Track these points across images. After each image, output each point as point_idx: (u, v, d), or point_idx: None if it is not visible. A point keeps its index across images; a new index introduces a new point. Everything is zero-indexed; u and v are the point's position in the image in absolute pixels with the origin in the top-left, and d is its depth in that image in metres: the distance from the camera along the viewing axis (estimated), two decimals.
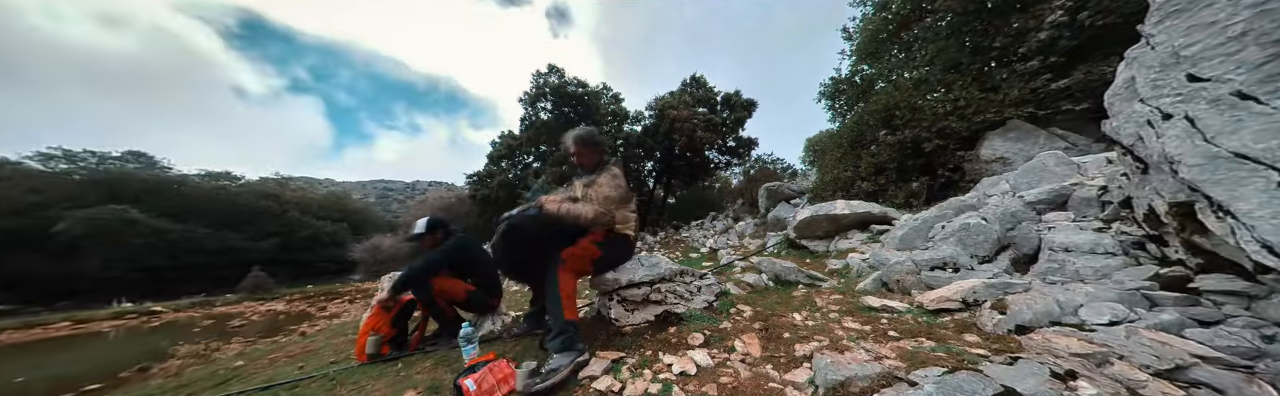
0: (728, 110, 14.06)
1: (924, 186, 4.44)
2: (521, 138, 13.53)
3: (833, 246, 3.63)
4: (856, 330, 1.47)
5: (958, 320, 1.50)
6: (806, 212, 3.84)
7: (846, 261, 2.82)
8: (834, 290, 2.22)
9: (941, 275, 1.97)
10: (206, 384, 2.34)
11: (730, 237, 6.71)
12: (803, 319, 1.66)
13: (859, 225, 3.72)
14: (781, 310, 1.81)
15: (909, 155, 4.68)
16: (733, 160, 15.03)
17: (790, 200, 7.15)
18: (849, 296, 2.02)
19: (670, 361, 1.22)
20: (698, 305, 1.77)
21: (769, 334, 1.45)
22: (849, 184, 5.32)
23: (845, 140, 5.90)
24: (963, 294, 1.61)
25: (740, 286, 2.39)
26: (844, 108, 7.56)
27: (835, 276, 2.64)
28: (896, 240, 2.78)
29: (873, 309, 1.73)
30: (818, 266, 3.03)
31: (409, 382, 1.34)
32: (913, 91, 4.91)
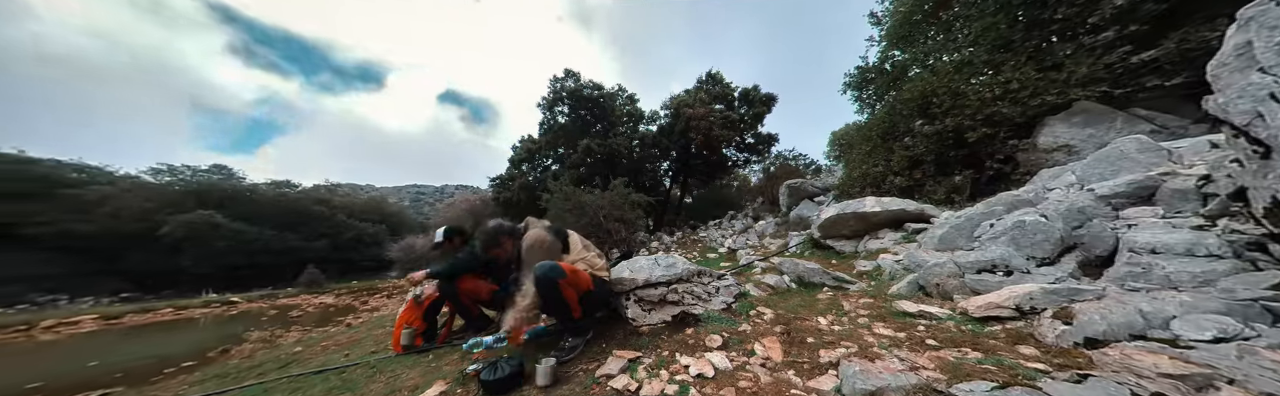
0: (746, 106, 13.62)
1: (968, 180, 3.99)
2: (540, 141, 14.00)
3: (862, 247, 3.38)
4: (889, 337, 1.35)
5: (1010, 330, 1.33)
6: (832, 211, 3.60)
7: (877, 263, 2.61)
8: (863, 293, 2.06)
9: (990, 279, 1.75)
10: (272, 366, 2.66)
11: (749, 237, 6.48)
12: (828, 323, 1.56)
13: (891, 224, 3.43)
14: (805, 313, 1.72)
15: (950, 146, 4.23)
16: (751, 157, 14.56)
17: (814, 198, 6.79)
18: (880, 300, 1.86)
19: (687, 363, 1.20)
20: (716, 306, 1.73)
21: (791, 338, 1.39)
22: (880, 179, 4.92)
23: (875, 132, 5.46)
24: (1016, 300, 1.42)
25: (760, 288, 2.30)
26: (872, 98, 7.02)
27: (864, 279, 2.46)
28: (935, 240, 2.53)
29: (908, 314, 1.58)
30: (845, 268, 2.84)
31: (439, 373, 1.43)
32: (953, 76, 4.42)
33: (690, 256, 6.12)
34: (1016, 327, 1.33)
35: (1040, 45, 4.15)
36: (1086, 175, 2.44)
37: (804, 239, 4.38)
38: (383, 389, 1.41)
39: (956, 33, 5.05)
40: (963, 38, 4.84)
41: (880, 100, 6.82)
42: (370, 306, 7.63)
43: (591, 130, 13.09)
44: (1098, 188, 2.10)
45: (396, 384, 1.44)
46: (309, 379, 1.88)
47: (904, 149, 4.70)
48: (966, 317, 1.48)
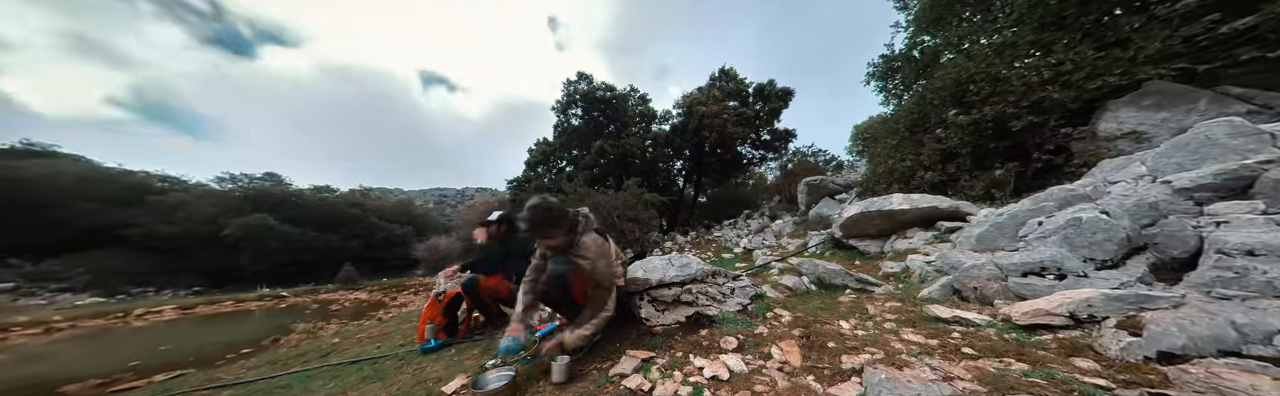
0: (761, 102, 13.21)
1: (1011, 174, 3.62)
2: (555, 143, 14.32)
3: (888, 247, 3.17)
4: (919, 343, 1.25)
5: (1063, 340, 1.18)
6: (855, 209, 3.39)
7: (906, 264, 2.44)
8: (890, 296, 1.93)
9: (1038, 283, 1.57)
10: (314, 355, 2.91)
11: (766, 237, 6.26)
12: (851, 327, 1.48)
13: (921, 222, 3.18)
14: (825, 316, 1.64)
15: (989, 137, 3.86)
16: (767, 154, 14.10)
17: (835, 195, 6.45)
18: (909, 304, 1.74)
19: (701, 364, 1.18)
20: (731, 308, 1.69)
21: (810, 342, 1.33)
22: (908, 175, 4.58)
23: (902, 124, 5.09)
24: (1071, 307, 1.26)
25: (778, 289, 2.22)
26: (899, 88, 6.56)
27: (891, 281, 2.30)
28: (972, 239, 2.31)
29: (940, 320, 1.46)
30: (869, 269, 2.67)
31: (460, 367, 1.50)
32: (993, 60, 4.01)
33: (704, 257, 6.01)
34: (1071, 338, 1.18)
35: (1099, 20, 3.66)
36: (1160, 165, 2.12)
37: (824, 239, 4.18)
38: (410, 380, 1.50)
39: (996, 12, 4.59)
40: (1004, 17, 4.39)
41: (908, 90, 6.35)
42: (399, 302, 8.27)
43: (604, 131, 13.22)
44: (1175, 179, 1.82)
45: (422, 375, 1.53)
46: (346, 368, 2.05)
47: (935, 141, 4.35)
48: (1010, 325, 1.34)
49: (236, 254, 15.07)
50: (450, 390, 1.26)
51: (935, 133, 4.51)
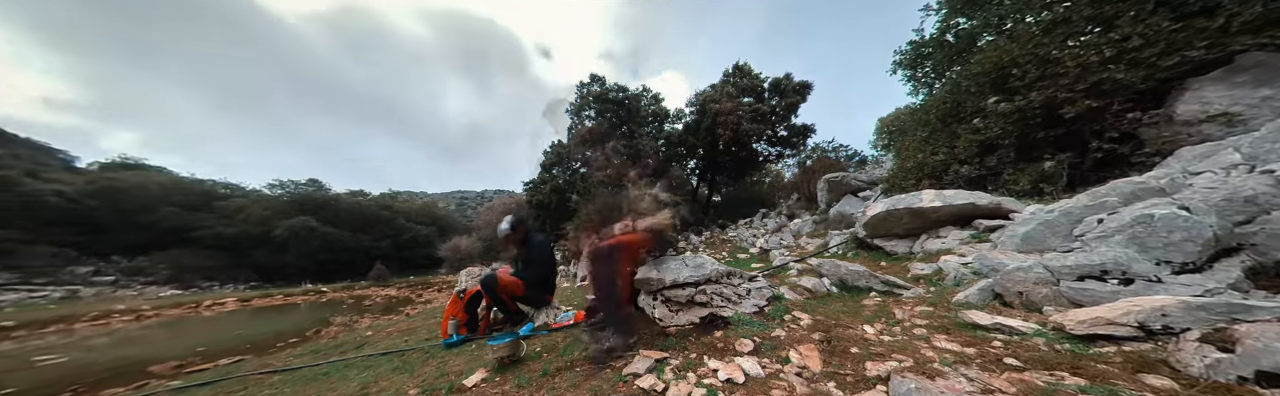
0: (777, 97, 12.75)
1: (1063, 167, 3.23)
2: (569, 146, 14.55)
3: (918, 247, 2.94)
4: (953, 352, 1.14)
5: (1130, 353, 1.03)
6: (881, 206, 3.18)
7: (938, 265, 2.24)
8: (920, 300, 1.78)
9: (1098, 288, 1.39)
10: (350, 346, 3.13)
11: (784, 237, 6.04)
12: (876, 332, 1.39)
13: (956, 220, 2.92)
14: (848, 320, 1.55)
15: (1036, 126, 3.46)
16: (784, 151, 13.59)
17: (858, 193, 6.10)
18: (942, 309, 1.60)
19: (716, 366, 1.15)
20: (747, 309, 1.65)
21: (831, 346, 1.26)
22: (940, 169, 4.22)
23: (934, 115, 4.71)
24: (1140, 316, 1.10)
25: (796, 291, 2.14)
26: (930, 76, 6.08)
27: (921, 284, 2.13)
28: (1017, 239, 2.09)
29: (979, 327, 1.32)
30: (897, 271, 2.50)
31: (481, 362, 1.55)
32: (1041, 39, 3.58)
33: (719, 257, 5.89)
34: (1141, 351, 1.03)
35: None
36: (1261, 152, 1.82)
37: (847, 238, 3.97)
38: (434, 372, 1.57)
39: None
40: None
41: (939, 78, 5.88)
42: (424, 299, 8.86)
43: (617, 132, 13.27)
44: None
45: (445, 368, 1.60)
46: (377, 359, 2.19)
47: (972, 132, 3.97)
48: (1062, 334, 1.18)
49: (284, 252, 16.88)
50: (471, 383, 1.30)
51: (972, 123, 4.12)
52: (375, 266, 14.78)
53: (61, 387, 3.46)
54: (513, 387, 1.23)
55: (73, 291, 12.76)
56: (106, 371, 4.03)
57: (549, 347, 1.58)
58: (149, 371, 3.84)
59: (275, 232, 16.66)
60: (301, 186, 21.13)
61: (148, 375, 3.72)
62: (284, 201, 19.05)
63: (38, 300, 11.97)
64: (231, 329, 6.41)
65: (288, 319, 7.27)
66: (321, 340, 4.32)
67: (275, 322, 6.74)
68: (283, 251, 16.59)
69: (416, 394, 1.30)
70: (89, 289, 13.24)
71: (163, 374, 3.74)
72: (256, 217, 17.24)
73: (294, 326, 6.03)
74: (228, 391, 2.10)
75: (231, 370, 3.04)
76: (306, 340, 4.85)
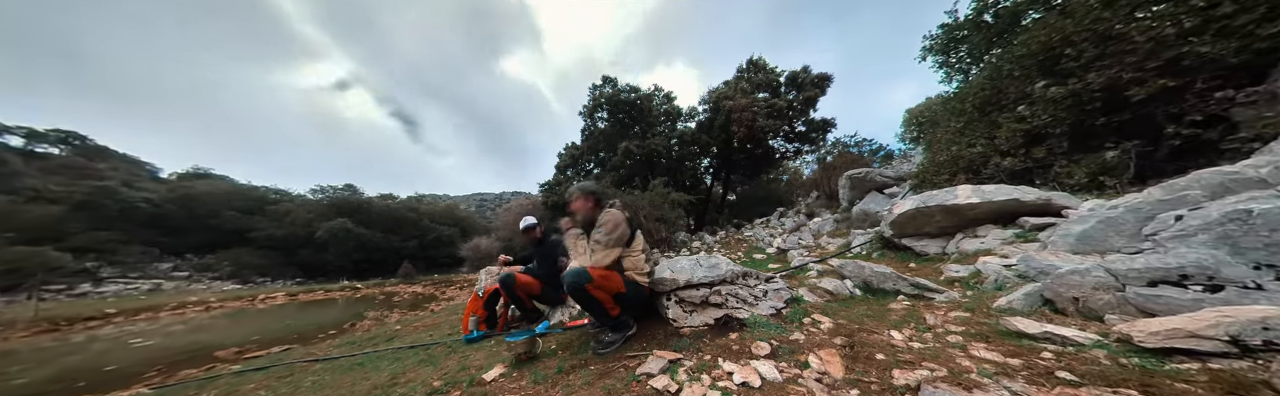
0: (794, 90, 12.28)
1: (1129, 156, 2.84)
2: (582, 147, 14.76)
3: (952, 247, 2.71)
4: (994, 362, 1.04)
5: (1218, 371, 0.88)
6: (909, 204, 2.96)
7: (976, 267, 2.05)
8: (955, 305, 1.64)
9: (1176, 295, 1.20)
10: (382, 338, 3.34)
11: (803, 236, 5.79)
12: (904, 338, 1.30)
13: (997, 218, 2.66)
14: (872, 325, 1.47)
15: (1095, 111, 3.07)
16: (803, 147, 13.08)
17: (884, 189, 5.76)
18: (981, 315, 1.46)
19: (731, 369, 1.13)
20: (763, 311, 1.62)
21: (855, 352, 1.19)
22: (978, 162, 3.87)
23: (970, 103, 4.32)
24: (1234, 328, 0.93)
25: (816, 293, 2.06)
26: (965, 61, 5.60)
27: (957, 287, 1.96)
28: (1072, 238, 1.87)
29: (1025, 336, 1.19)
30: (927, 273, 2.33)
31: (499, 357, 1.60)
32: (1101, 13, 3.14)
33: (734, 257, 5.74)
34: (1233, 369, 0.88)
35: None
36: None
37: (871, 238, 3.74)
38: (456, 365, 1.64)
39: None
40: None
41: (976, 63, 5.40)
42: (447, 296, 9.32)
43: (630, 132, 13.29)
44: None
45: (466, 362, 1.66)
46: (405, 352, 2.33)
47: (1016, 121, 3.60)
48: (1128, 347, 1.04)
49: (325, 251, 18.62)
50: (490, 377, 1.34)
51: (1015, 111, 3.73)
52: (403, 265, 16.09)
53: (148, 367, 4.04)
54: (529, 383, 1.25)
55: (157, 284, 14.80)
56: (182, 354, 4.68)
57: (564, 345, 1.60)
58: (215, 356, 4.42)
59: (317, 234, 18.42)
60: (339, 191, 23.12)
61: (214, 359, 4.27)
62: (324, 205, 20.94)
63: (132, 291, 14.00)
64: (281, 320, 7.14)
65: (327, 312, 7.97)
66: (356, 332, 4.67)
67: (317, 315, 7.45)
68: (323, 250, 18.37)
69: (440, 386, 1.36)
70: (170, 282, 15.33)
71: (226, 358, 4.27)
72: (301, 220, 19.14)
73: (333, 319, 6.60)
74: (279, 376, 2.31)
75: (281, 357, 3.34)
76: (344, 332, 5.26)
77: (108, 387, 3.16)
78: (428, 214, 24.29)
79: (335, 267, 18.30)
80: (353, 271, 18.11)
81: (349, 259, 18.60)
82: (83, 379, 3.76)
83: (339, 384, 1.76)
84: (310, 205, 20.84)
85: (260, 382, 2.17)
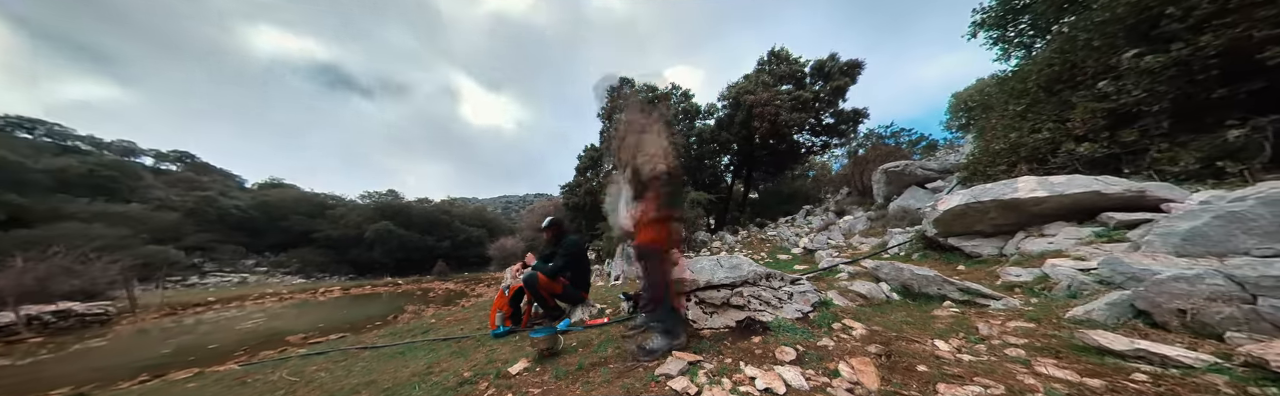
0: (821, 80, 11.50)
1: (1264, 135, 2.28)
2: (602, 149, 14.95)
3: (1011, 247, 2.36)
4: (1068, 382, 0.88)
5: None
6: (957, 199, 2.63)
7: (1043, 271, 1.77)
8: (1016, 314, 1.43)
9: None
10: (418, 331, 3.62)
11: (832, 236, 5.40)
12: (952, 349, 1.16)
13: (1070, 214, 2.29)
14: (913, 333, 1.33)
15: (1209, 81, 2.49)
16: (831, 140, 12.22)
17: (925, 184, 5.21)
18: (1049, 326, 1.25)
19: (753, 374, 1.08)
20: (788, 315, 1.54)
21: (892, 362, 1.09)
22: (1045, 149, 3.33)
23: (1034, 82, 3.74)
24: None
25: (847, 297, 1.92)
26: (1027, 35, 4.88)
27: (1017, 293, 1.71)
28: (1177, 238, 1.54)
29: (1108, 353, 0.99)
30: (979, 276, 2.06)
31: (523, 352, 1.65)
32: None
33: (757, 258, 5.53)
34: None
35: None
36: None
37: (912, 237, 3.40)
38: (484, 358, 1.72)
39: None
40: None
41: (1042, 35, 4.68)
42: (476, 293, 10.01)
43: None
44: None
45: (494, 356, 1.74)
46: (439, 344, 2.48)
47: (1096, 99, 3.04)
48: (1261, 373, 0.81)
49: (372, 250, 20.97)
50: (514, 371, 1.39)
51: (1095, 87, 3.16)
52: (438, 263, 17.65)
53: (238, 347, 4.92)
54: (551, 378, 1.27)
55: (244, 278, 17.54)
56: (262, 337, 5.61)
57: (584, 343, 1.61)
58: (287, 340, 5.25)
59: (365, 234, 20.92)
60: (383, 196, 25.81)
61: (286, 343, 5.03)
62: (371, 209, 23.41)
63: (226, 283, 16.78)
64: (337, 311, 8.16)
65: (373, 305, 8.87)
66: (397, 324, 5.14)
67: (365, 308, 8.31)
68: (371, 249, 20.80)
69: (470, 376, 1.43)
70: (253, 276, 18.14)
71: (295, 343, 5.00)
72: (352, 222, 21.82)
73: (378, 312, 7.35)
74: (335, 360, 2.57)
75: (337, 344, 3.74)
76: (387, 323, 5.82)
77: (211, 362, 3.83)
78: (459, 216, 26.42)
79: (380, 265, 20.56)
80: (394, 269, 20.21)
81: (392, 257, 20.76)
82: (193, 354, 4.68)
83: (384, 369, 1.91)
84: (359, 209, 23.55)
85: (321, 365, 2.42)
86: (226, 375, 2.69)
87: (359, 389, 1.60)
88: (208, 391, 2.21)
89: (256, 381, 2.21)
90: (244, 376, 2.47)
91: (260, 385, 2.10)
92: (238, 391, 2.05)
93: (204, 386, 2.40)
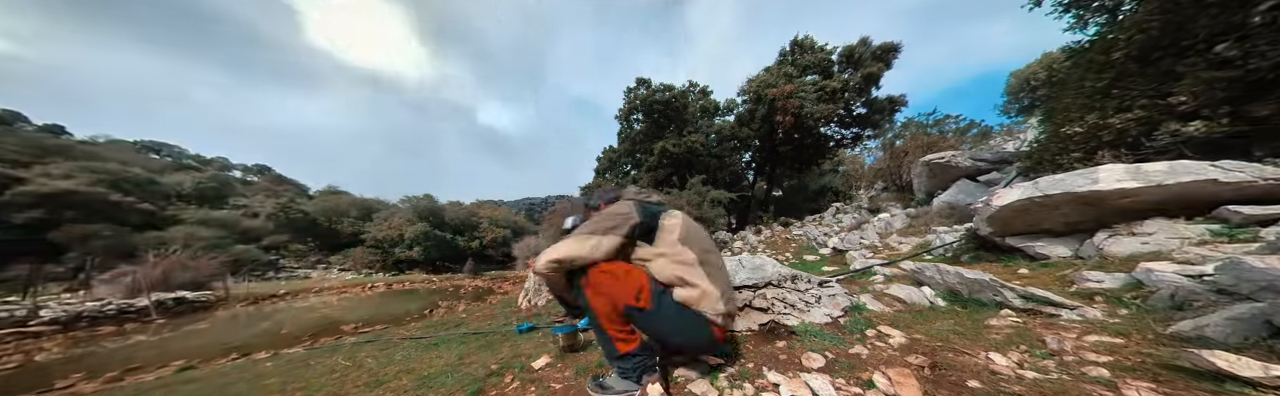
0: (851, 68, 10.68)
1: None
2: (619, 150, 15.11)
3: (1089, 248, 2.00)
4: None
5: None
6: (1018, 193, 2.27)
7: (1134, 276, 1.49)
8: (1097, 326, 1.21)
9: None
10: (451, 324, 3.88)
11: (865, 235, 4.99)
12: (1012, 363, 1.02)
13: (1173, 208, 1.89)
14: (963, 343, 1.19)
15: None
16: (863, 131, 11.33)
17: (977, 176, 4.64)
18: (1142, 342, 1.05)
19: (777, 380, 1.03)
20: (816, 319, 1.47)
21: (937, 375, 0.99)
22: (1136, 132, 2.78)
23: (1122, 50, 3.07)
24: None
25: (884, 301, 1.77)
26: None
27: (1098, 302, 1.44)
28: None
29: (1228, 377, 0.79)
30: (1047, 281, 1.78)
31: (546, 348, 1.71)
32: None
33: (782, 258, 5.27)
34: None
35: None
36: None
37: (961, 236, 3.03)
38: (510, 353, 1.80)
39: None
40: None
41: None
42: (503, 290, 10.58)
43: (665, 132, 13.11)
44: None
45: (518, 350, 1.81)
46: (469, 337, 2.63)
47: (1213, 67, 2.47)
48: None
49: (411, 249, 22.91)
50: (538, 365, 1.44)
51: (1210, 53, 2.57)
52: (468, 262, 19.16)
53: (304, 333, 5.69)
54: (572, 374, 1.29)
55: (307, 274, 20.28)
56: (321, 326, 6.47)
57: None
58: (341, 329, 6.00)
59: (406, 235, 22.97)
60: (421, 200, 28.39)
61: (340, 331, 5.79)
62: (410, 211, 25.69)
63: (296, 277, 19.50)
64: (382, 304, 9.10)
65: (412, 300, 9.76)
66: (433, 318, 5.62)
67: (405, 302, 9.18)
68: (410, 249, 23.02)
69: (497, 369, 1.49)
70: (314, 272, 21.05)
71: (348, 332, 5.72)
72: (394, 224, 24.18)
73: (416, 306, 8.13)
74: (381, 349, 2.83)
75: (382, 334, 4.14)
76: (424, 317, 6.43)
77: (283, 345, 4.54)
78: (487, 217, 28.46)
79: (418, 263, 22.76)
80: (430, 266, 22.35)
81: (428, 256, 22.87)
82: (271, 337, 5.61)
83: (422, 358, 2.07)
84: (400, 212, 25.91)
85: (369, 352, 2.67)
86: (294, 357, 3.07)
87: (400, 375, 1.73)
88: (280, 370, 2.52)
89: (317, 364, 2.48)
90: (308, 359, 2.79)
91: (320, 367, 2.35)
92: (303, 372, 2.31)
93: (277, 366, 2.74)
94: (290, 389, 1.91)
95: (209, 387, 2.36)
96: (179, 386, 2.58)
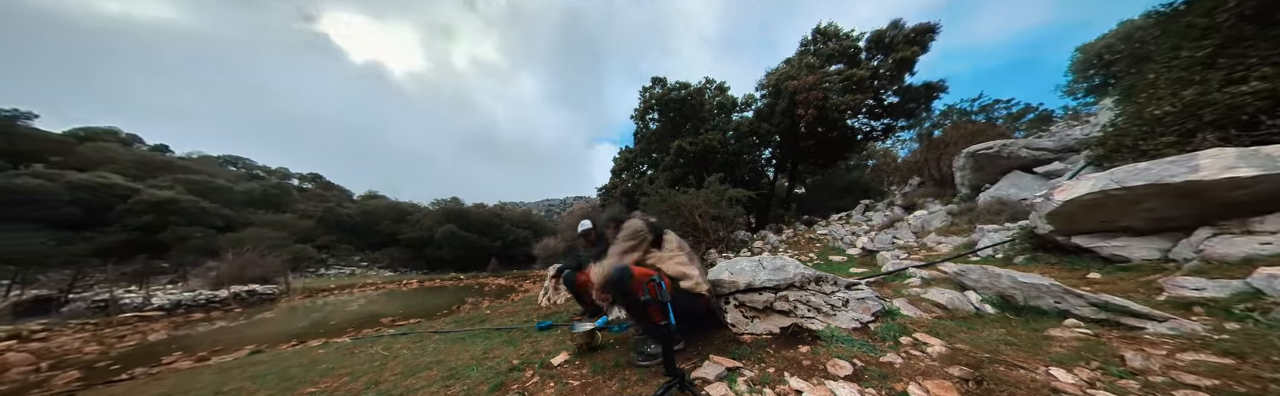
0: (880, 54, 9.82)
1: None
2: (636, 149, 15.05)
3: (1188, 250, 1.68)
4: None
5: None
6: (1089, 185, 1.96)
7: (1248, 284, 1.24)
8: (1197, 342, 1.02)
9: None
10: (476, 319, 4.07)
11: (899, 234, 4.59)
12: (1079, 381, 0.90)
13: None
14: (1016, 356, 1.07)
15: None
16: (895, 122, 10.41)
17: (1032, 168, 4.10)
18: (1259, 365, 0.87)
19: (799, 387, 0.98)
20: (843, 324, 1.38)
21: (983, 390, 0.89)
22: (1250, 108, 2.27)
23: (1230, 10, 2.51)
24: None
25: (920, 307, 1.65)
26: None
27: (1199, 313, 1.22)
28: None
29: None
30: (1126, 287, 1.55)
31: (564, 346, 1.75)
32: None
33: (805, 259, 4.98)
34: None
35: None
36: None
37: (1014, 235, 2.68)
38: (530, 349, 1.85)
39: None
40: None
41: None
42: (524, 288, 11.03)
43: (681, 130, 12.86)
44: None
45: (538, 347, 1.87)
46: (492, 333, 2.73)
47: None
48: None
49: (440, 249, 24.74)
50: (556, 362, 1.47)
51: None
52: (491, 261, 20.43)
53: (349, 325, 6.38)
54: (589, 372, 1.30)
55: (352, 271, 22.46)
56: (364, 318, 7.23)
57: (621, 340, 1.64)
58: (381, 321, 6.63)
59: (435, 236, 24.91)
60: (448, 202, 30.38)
61: (380, 324, 6.41)
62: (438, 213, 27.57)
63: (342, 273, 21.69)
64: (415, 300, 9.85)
65: (442, 296, 10.51)
66: (459, 313, 5.96)
67: (435, 298, 9.90)
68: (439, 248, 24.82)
69: (518, 364, 1.54)
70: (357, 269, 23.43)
71: (386, 324, 6.30)
72: (424, 225, 26.15)
73: (445, 302, 8.74)
74: (414, 341, 3.02)
75: (416, 327, 4.44)
76: (452, 312, 6.82)
77: (333, 335, 5.16)
78: (508, 218, 29.99)
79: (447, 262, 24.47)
80: (457, 265, 23.89)
81: (455, 255, 24.54)
82: (323, 327, 6.38)
83: (449, 351, 2.19)
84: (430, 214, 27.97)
85: (404, 344, 2.87)
86: (341, 346, 3.36)
87: (431, 366, 1.83)
88: (330, 357, 2.76)
89: (360, 353, 2.69)
90: (352, 348, 3.03)
91: (362, 356, 2.55)
92: (349, 359, 2.51)
93: (327, 353, 3.02)
94: (338, 373, 2.08)
95: (274, 369, 2.64)
96: (250, 367, 2.91)
